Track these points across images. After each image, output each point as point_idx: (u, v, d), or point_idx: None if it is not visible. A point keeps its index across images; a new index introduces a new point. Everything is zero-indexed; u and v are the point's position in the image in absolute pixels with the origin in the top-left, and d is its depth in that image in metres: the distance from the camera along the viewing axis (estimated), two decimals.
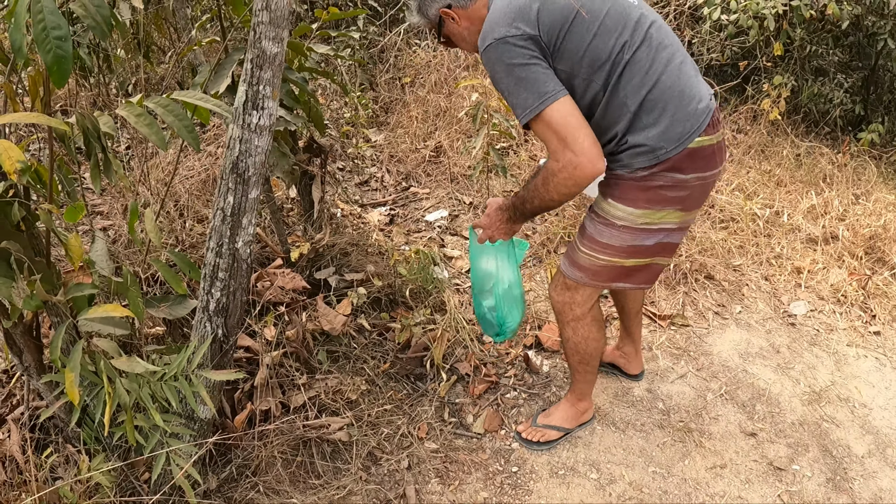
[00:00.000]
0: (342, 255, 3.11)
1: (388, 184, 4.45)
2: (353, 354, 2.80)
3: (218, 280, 1.96)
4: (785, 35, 4.55)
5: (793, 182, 4.34)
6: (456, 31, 2.12)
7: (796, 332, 3.29)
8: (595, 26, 1.86)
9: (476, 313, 2.59)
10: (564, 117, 1.82)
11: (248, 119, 1.79)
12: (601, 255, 2.09)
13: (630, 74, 1.87)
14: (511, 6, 1.89)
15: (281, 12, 1.71)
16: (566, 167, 1.83)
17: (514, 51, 1.84)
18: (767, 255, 3.77)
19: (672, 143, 1.88)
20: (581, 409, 2.61)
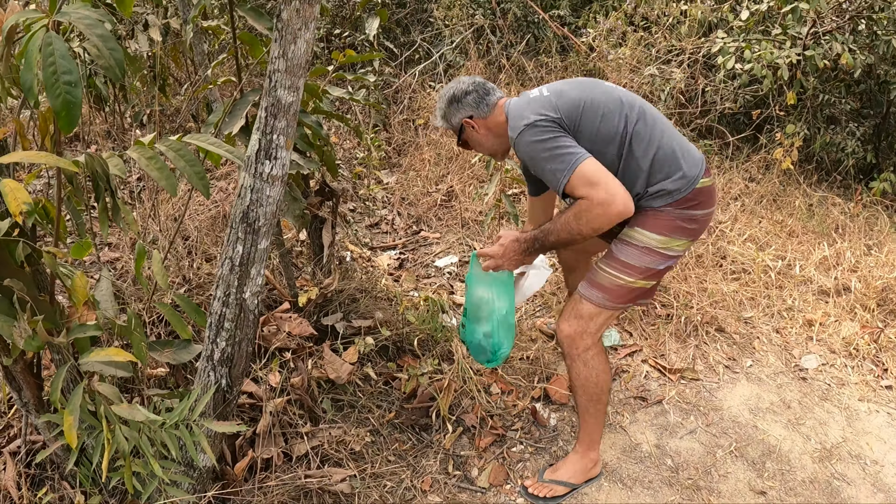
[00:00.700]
0: (350, 301, 3.10)
1: (398, 227, 4.45)
2: (359, 403, 2.77)
3: (224, 330, 1.95)
4: (798, 84, 4.56)
5: (805, 232, 4.32)
6: (475, 138, 2.55)
7: (807, 386, 3.24)
8: (600, 112, 2.27)
9: (467, 339, 2.69)
10: (595, 170, 2.14)
11: (261, 168, 1.79)
12: (622, 275, 2.33)
13: (636, 144, 2.26)
14: (532, 101, 2.30)
15: (298, 61, 1.71)
16: (601, 203, 2.11)
17: (544, 129, 2.21)
18: (779, 308, 3.74)
19: (685, 186, 2.26)
20: (590, 462, 2.59)
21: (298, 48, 1.69)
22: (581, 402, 2.49)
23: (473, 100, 2.47)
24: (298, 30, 1.67)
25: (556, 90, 2.34)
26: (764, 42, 4.44)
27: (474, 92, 2.47)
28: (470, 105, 2.47)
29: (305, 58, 1.72)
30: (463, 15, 5.88)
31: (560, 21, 6.03)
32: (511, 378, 3.10)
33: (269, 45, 1.99)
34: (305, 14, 1.66)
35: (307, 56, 1.72)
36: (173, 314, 2.24)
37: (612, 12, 5.47)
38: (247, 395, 2.59)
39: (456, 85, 2.51)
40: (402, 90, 5.70)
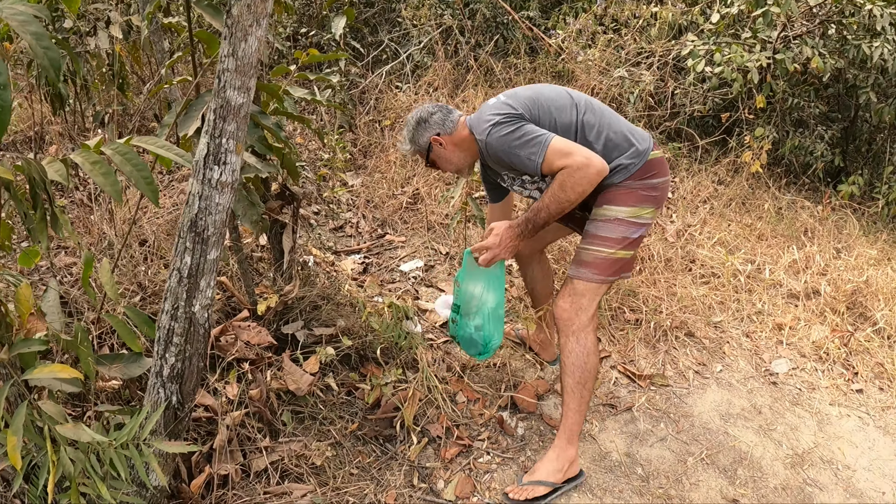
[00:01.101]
0: (312, 309, 3.00)
1: (363, 230, 4.35)
2: (321, 415, 2.68)
3: (172, 345, 1.84)
4: (768, 88, 4.54)
5: (774, 236, 4.30)
6: (442, 154, 2.67)
7: (778, 391, 3.20)
8: (553, 106, 2.49)
9: (457, 334, 2.78)
10: (564, 142, 2.34)
11: (209, 174, 1.68)
12: (603, 248, 2.48)
13: (588, 131, 2.47)
14: (491, 106, 2.49)
15: (249, 59, 1.61)
16: (581, 166, 2.28)
17: (508, 123, 2.40)
18: (748, 312, 3.70)
19: (639, 160, 2.47)
20: (568, 458, 2.54)
21: (249, 46, 1.59)
22: (568, 384, 2.52)
23: (439, 118, 2.63)
24: (249, 26, 1.57)
25: (510, 94, 2.54)
26: (734, 45, 4.41)
27: (438, 112, 2.65)
28: (437, 123, 2.63)
29: (257, 56, 1.62)
30: (431, 15, 5.80)
31: (530, 22, 5.98)
32: (477, 386, 3.02)
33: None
34: (257, 9, 1.56)
35: (259, 54, 1.62)
36: (123, 326, 2.13)
37: (581, 14, 5.42)
38: (203, 408, 2.49)
39: (418, 111, 2.68)
40: (368, 91, 5.60)
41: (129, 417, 1.98)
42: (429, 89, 5.38)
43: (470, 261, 2.66)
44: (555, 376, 3.17)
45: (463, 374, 3.08)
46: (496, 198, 2.95)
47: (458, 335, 2.81)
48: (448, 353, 3.23)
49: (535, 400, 2.97)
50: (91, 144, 1.91)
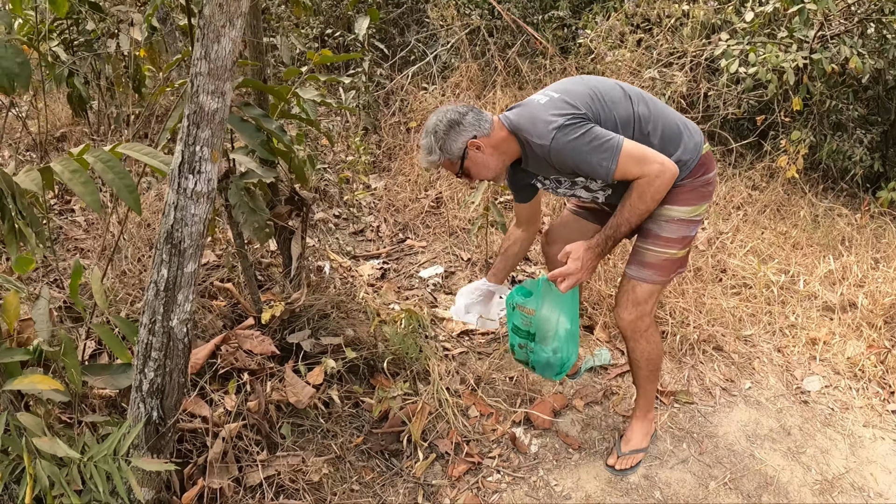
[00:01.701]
0: (321, 317, 2.91)
1: (383, 234, 4.26)
2: (323, 429, 2.58)
3: (151, 360, 1.76)
4: (804, 89, 4.35)
5: (809, 245, 4.11)
6: (479, 160, 2.39)
7: (809, 410, 3.03)
8: (609, 100, 2.30)
9: (531, 360, 2.60)
10: (635, 147, 2.20)
11: (184, 184, 1.59)
12: (668, 250, 2.40)
13: (644, 125, 2.31)
14: (546, 106, 2.28)
15: (223, 62, 1.52)
16: (658, 174, 2.18)
17: (576, 126, 2.20)
18: (781, 325, 3.53)
19: (694, 154, 2.34)
20: (650, 420, 2.76)
21: (223, 48, 1.50)
22: (643, 374, 2.61)
23: (473, 119, 2.36)
24: (222, 27, 1.48)
25: (562, 90, 2.33)
26: (769, 45, 4.23)
27: (470, 112, 2.38)
28: (471, 125, 2.35)
29: (231, 59, 1.53)
30: (459, 15, 5.69)
31: (560, 22, 5.84)
32: (491, 400, 2.90)
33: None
34: (230, 9, 1.47)
35: (233, 57, 1.52)
36: (111, 337, 2.06)
37: (612, 13, 5.27)
38: (200, 418, 2.41)
39: (445, 113, 2.38)
40: (395, 92, 5.51)
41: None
42: (455, 90, 5.27)
43: (547, 287, 2.47)
44: (574, 391, 3.04)
45: (477, 387, 2.96)
46: (525, 198, 2.74)
47: (531, 361, 2.61)
48: (463, 365, 3.11)
49: (552, 416, 2.84)
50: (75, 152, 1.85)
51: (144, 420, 1.87)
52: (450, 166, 2.44)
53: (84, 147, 1.87)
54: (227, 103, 1.56)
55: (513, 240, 2.85)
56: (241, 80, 2.52)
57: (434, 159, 2.40)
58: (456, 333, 3.36)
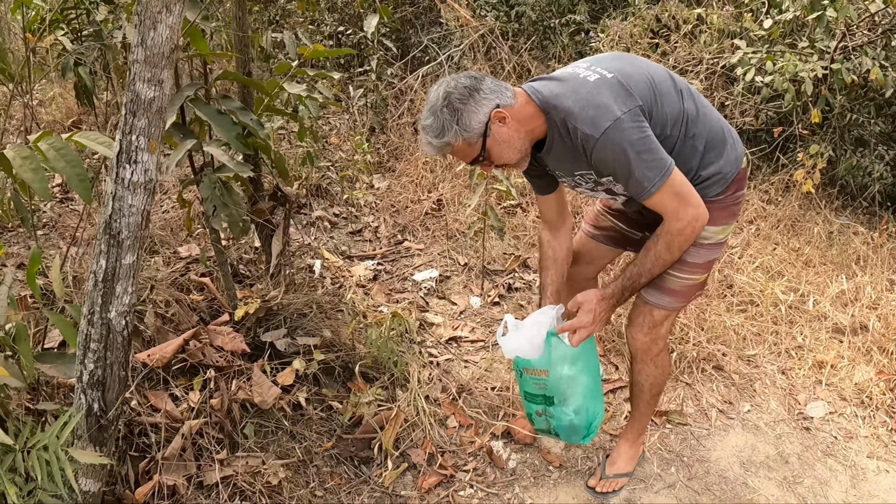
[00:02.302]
0: (299, 317, 2.80)
1: (381, 235, 4.15)
2: (290, 431, 2.47)
3: (91, 351, 1.67)
4: (823, 101, 4.18)
5: (822, 263, 3.93)
6: (504, 136, 1.93)
7: (810, 438, 2.87)
8: (660, 91, 1.96)
9: (555, 427, 2.30)
10: (682, 181, 1.91)
11: (122, 173, 1.51)
12: (690, 276, 2.19)
13: (691, 122, 1.99)
14: (600, 86, 1.88)
15: (160, 49, 1.43)
16: (691, 223, 1.93)
17: (634, 126, 1.84)
18: (787, 346, 3.36)
19: (735, 166, 2.09)
20: (640, 443, 2.61)
21: (159, 35, 1.41)
22: (643, 399, 2.45)
23: (493, 84, 1.91)
24: (158, 13, 1.40)
25: (618, 70, 1.92)
26: (788, 54, 4.07)
27: (486, 78, 1.92)
28: (492, 91, 1.89)
29: (169, 46, 1.44)
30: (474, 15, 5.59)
31: (577, 27, 5.71)
32: (472, 411, 2.78)
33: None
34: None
35: (171, 44, 1.43)
36: (65, 324, 1.98)
37: (630, 17, 5.13)
38: (163, 413, 2.32)
39: (455, 81, 1.91)
40: (405, 92, 5.41)
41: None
42: None
43: (556, 342, 2.17)
44: None
45: (458, 396, 2.84)
46: (546, 188, 2.28)
47: (553, 427, 2.31)
48: (447, 373, 3.00)
49: (533, 432, 2.71)
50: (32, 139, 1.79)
51: (85, 411, 1.79)
52: (466, 149, 1.94)
53: (41, 134, 1.80)
54: (166, 92, 1.48)
55: (546, 247, 2.39)
56: (222, 73, 2.44)
57: (448, 140, 1.89)
58: (444, 339, 3.24)
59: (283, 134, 4.97)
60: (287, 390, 2.54)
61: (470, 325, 3.38)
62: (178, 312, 2.68)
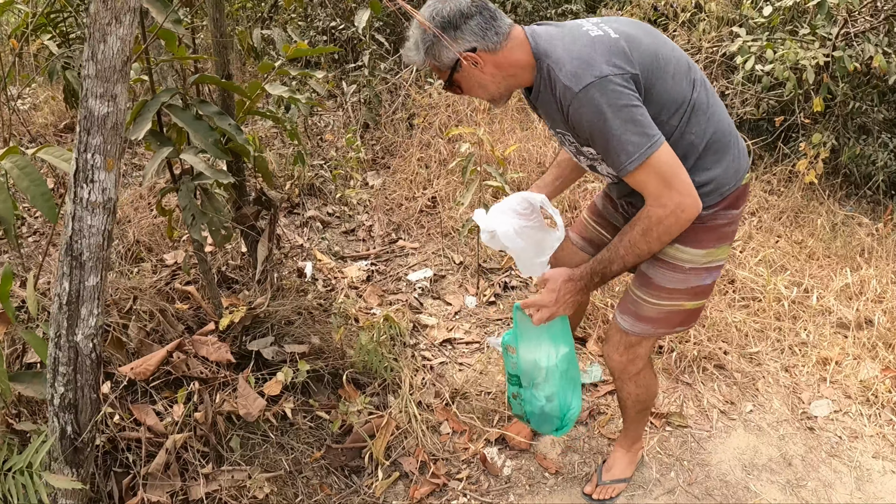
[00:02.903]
0: (286, 324, 2.74)
1: (375, 234, 4.08)
2: (279, 442, 2.41)
3: (60, 374, 1.61)
4: (825, 89, 4.08)
5: (826, 255, 3.85)
6: (476, 77, 1.83)
7: (814, 438, 2.79)
8: (671, 70, 1.78)
9: (525, 412, 2.25)
10: (669, 161, 1.71)
11: (80, 193, 1.44)
12: (667, 302, 2.00)
13: (696, 115, 1.82)
14: (598, 43, 1.72)
15: (111, 63, 1.36)
16: (674, 211, 1.72)
17: (620, 91, 1.66)
18: (791, 342, 3.28)
19: (733, 180, 1.89)
20: (637, 450, 2.53)
21: (110, 48, 1.34)
22: (630, 415, 2.38)
23: (478, 25, 1.76)
24: (108, 25, 1.32)
25: (624, 33, 1.77)
26: (788, 42, 3.97)
27: (478, 15, 1.76)
28: (473, 32, 1.76)
29: (121, 59, 1.36)
30: None
31: (573, 17, 5.61)
32: (466, 416, 2.71)
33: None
34: (116, 5, 1.30)
35: (123, 57, 1.36)
36: (39, 343, 1.92)
37: (626, 7, 5.03)
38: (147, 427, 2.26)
39: (446, 4, 1.77)
40: (399, 87, 5.32)
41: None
42: None
43: (522, 318, 2.07)
44: None
45: (452, 401, 2.77)
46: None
47: (525, 412, 2.25)
48: (440, 377, 2.93)
49: (529, 437, 2.64)
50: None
51: (58, 434, 1.73)
52: (437, 72, 1.89)
53: (6, 151, 1.74)
54: (121, 107, 1.41)
55: (561, 156, 2.28)
56: (197, 77, 2.37)
57: (416, 60, 1.85)
58: (438, 342, 3.17)
59: (276, 132, 4.91)
60: (274, 400, 2.48)
61: (465, 326, 3.31)
62: (162, 322, 2.62)
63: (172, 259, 3.17)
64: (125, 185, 3.94)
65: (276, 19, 5.92)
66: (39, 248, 3.59)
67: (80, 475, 1.82)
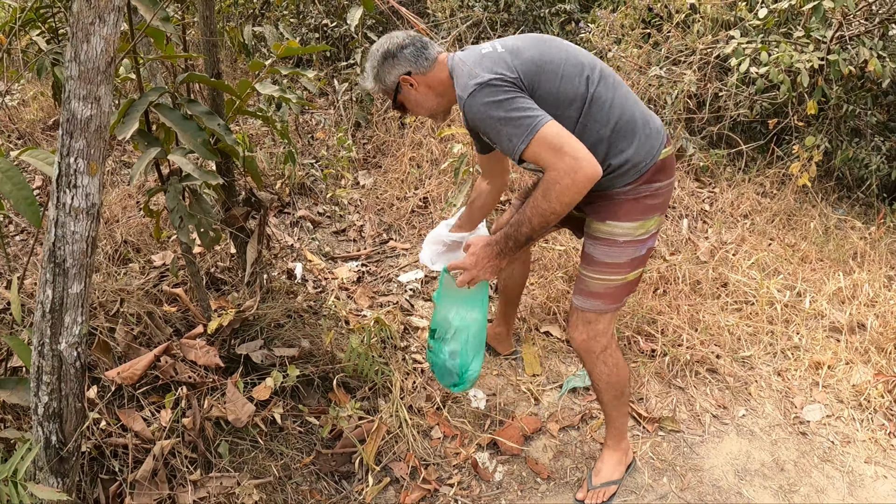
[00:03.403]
0: (276, 326, 2.71)
1: (366, 235, 4.04)
2: (268, 447, 2.38)
3: (44, 383, 1.57)
4: (820, 92, 4.07)
5: (819, 259, 3.84)
6: (412, 97, 2.23)
7: (807, 443, 2.78)
8: (560, 73, 2.03)
9: (431, 361, 2.42)
10: (557, 133, 1.89)
11: (63, 198, 1.40)
12: (612, 276, 2.20)
13: (597, 108, 2.05)
14: (485, 57, 2.03)
15: (95, 64, 1.31)
16: (568, 172, 1.86)
17: (499, 90, 1.94)
18: (783, 346, 3.27)
19: (648, 157, 2.10)
20: (623, 450, 2.52)
21: (93, 48, 1.30)
22: (606, 400, 2.40)
23: (411, 54, 2.16)
24: (91, 24, 1.28)
25: (511, 47, 2.07)
26: (783, 44, 3.96)
27: (411, 45, 2.17)
28: (407, 60, 2.16)
29: (105, 59, 1.32)
30: (461, 6, 5.46)
31: (567, 16, 5.59)
32: (457, 420, 2.69)
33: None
34: (99, 4, 1.26)
35: (107, 57, 1.32)
36: (24, 349, 1.89)
37: (620, 7, 5.01)
38: (133, 433, 2.22)
39: (389, 40, 2.20)
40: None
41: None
42: None
43: (448, 279, 2.28)
44: (549, 413, 2.81)
45: (443, 405, 2.75)
46: (483, 148, 2.52)
47: (431, 363, 2.43)
48: (432, 380, 2.90)
49: (521, 442, 2.62)
50: None
51: (43, 443, 1.69)
52: (385, 95, 2.30)
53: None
54: (105, 109, 1.36)
55: (478, 192, 2.69)
56: (186, 75, 2.33)
57: (369, 86, 2.27)
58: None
59: (266, 130, 4.86)
60: (263, 405, 2.45)
61: None
62: (150, 326, 2.58)
63: (161, 260, 3.13)
64: (113, 183, 3.89)
65: (267, 16, 5.87)
66: (27, 247, 3.54)
67: (65, 485, 1.78)
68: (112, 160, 4.32)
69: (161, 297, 2.75)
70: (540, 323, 3.31)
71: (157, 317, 2.65)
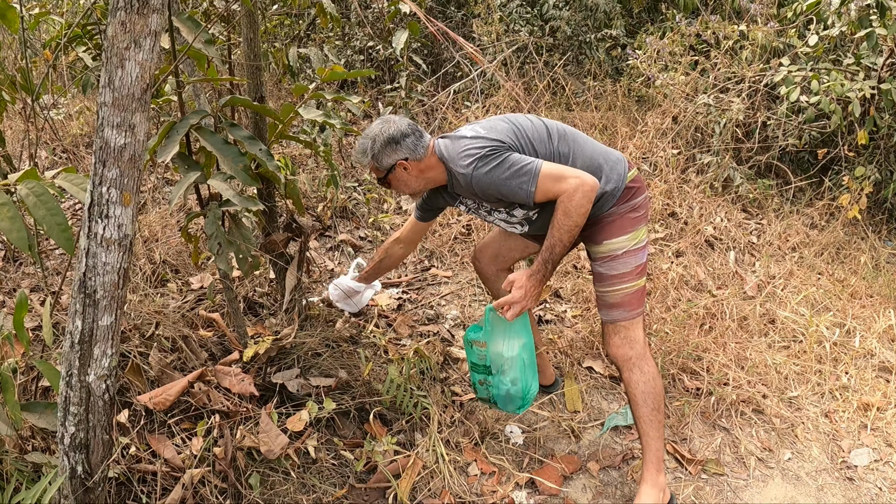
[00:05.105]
0: (314, 355, 2.68)
1: (407, 261, 4.01)
2: (301, 480, 2.34)
3: (71, 414, 1.55)
4: (871, 122, 3.96)
5: (869, 295, 3.71)
6: (403, 178, 2.48)
7: (854, 489, 2.67)
8: (529, 136, 2.39)
9: (492, 395, 2.53)
10: (553, 166, 2.26)
11: (94, 228, 1.38)
12: (624, 284, 2.43)
13: (563, 161, 2.37)
14: (464, 141, 2.36)
15: (130, 90, 1.29)
16: (577, 188, 2.19)
17: (493, 157, 2.28)
18: (831, 386, 3.16)
19: (619, 183, 2.40)
20: (660, 487, 2.42)
21: (128, 74, 1.28)
22: (643, 414, 2.43)
23: (412, 143, 2.41)
24: (126, 49, 1.26)
25: (488, 126, 2.42)
26: (834, 72, 3.86)
27: (412, 135, 2.42)
28: (408, 148, 2.41)
29: (140, 86, 1.29)
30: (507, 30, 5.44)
31: (613, 42, 5.54)
32: (495, 457, 2.63)
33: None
34: (135, 28, 1.25)
35: (143, 84, 1.29)
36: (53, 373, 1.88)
37: (668, 33, 4.94)
38: (164, 461, 2.21)
39: (389, 126, 2.42)
40: (435, 109, 5.28)
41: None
42: (496, 110, 5.01)
43: (494, 317, 2.42)
44: (590, 452, 2.74)
45: (481, 441, 2.69)
46: (427, 218, 2.83)
47: (492, 396, 2.55)
48: (470, 414, 2.84)
49: (559, 482, 2.55)
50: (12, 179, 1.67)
51: (68, 474, 1.67)
52: (375, 172, 2.50)
53: (22, 174, 1.68)
54: (140, 138, 1.34)
55: (388, 254, 2.96)
56: (229, 98, 2.32)
57: (364, 161, 2.47)
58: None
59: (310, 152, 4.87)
60: (297, 436, 2.41)
61: None
62: (185, 350, 2.57)
63: (199, 283, 3.13)
64: (154, 201, 3.91)
65: (313, 38, 5.91)
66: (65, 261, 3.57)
67: None
68: (154, 178, 4.36)
69: (197, 322, 2.74)
70: (583, 357, 3.24)
71: (193, 341, 2.64)
